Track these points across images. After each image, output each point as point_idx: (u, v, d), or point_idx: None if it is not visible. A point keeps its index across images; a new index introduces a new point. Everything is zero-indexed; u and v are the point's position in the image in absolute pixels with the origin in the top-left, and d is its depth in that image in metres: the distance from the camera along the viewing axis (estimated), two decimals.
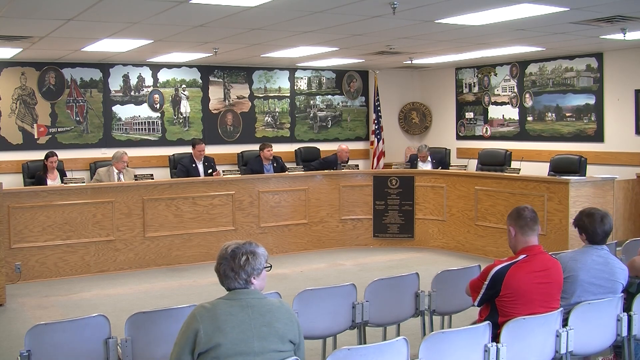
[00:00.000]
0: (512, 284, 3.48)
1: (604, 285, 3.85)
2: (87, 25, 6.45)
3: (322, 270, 7.75)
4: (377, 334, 4.50)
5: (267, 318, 2.87)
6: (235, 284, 2.90)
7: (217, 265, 2.94)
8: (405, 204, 9.00)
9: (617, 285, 3.88)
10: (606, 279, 3.86)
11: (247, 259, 2.91)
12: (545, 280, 3.55)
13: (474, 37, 7.76)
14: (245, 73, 10.87)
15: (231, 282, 2.91)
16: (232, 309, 2.86)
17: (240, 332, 2.81)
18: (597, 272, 3.84)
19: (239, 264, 2.89)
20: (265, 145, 9.41)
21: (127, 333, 3.53)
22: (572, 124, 9.81)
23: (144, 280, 7.23)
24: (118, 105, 9.95)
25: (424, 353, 3.09)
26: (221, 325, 2.81)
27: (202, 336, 2.77)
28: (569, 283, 3.82)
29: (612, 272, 3.87)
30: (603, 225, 3.85)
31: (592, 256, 3.87)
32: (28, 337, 3.31)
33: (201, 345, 2.77)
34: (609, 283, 3.86)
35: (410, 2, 5.55)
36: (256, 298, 2.92)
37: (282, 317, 2.91)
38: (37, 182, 8.29)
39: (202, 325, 2.79)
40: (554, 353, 3.65)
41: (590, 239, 3.91)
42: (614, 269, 3.88)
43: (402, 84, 12.27)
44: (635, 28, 7.00)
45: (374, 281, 4.34)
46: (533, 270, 3.52)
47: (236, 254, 2.91)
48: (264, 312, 2.88)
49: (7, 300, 6.41)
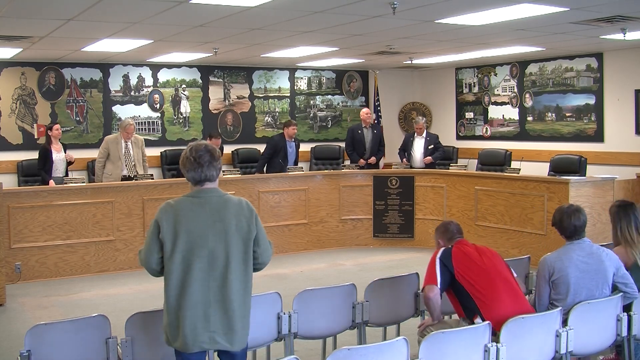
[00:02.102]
0: (460, 256, 3.79)
1: (595, 276, 3.85)
2: (87, 25, 6.45)
3: (322, 270, 7.75)
4: (377, 334, 4.50)
5: (222, 214, 3.19)
6: (201, 179, 3.24)
7: (182, 170, 3.29)
8: (405, 204, 9.00)
9: (608, 273, 3.87)
10: (595, 269, 3.86)
11: (210, 159, 3.25)
12: (488, 254, 3.84)
13: (474, 37, 7.77)
14: (245, 73, 10.88)
15: (197, 177, 3.24)
16: (193, 205, 3.20)
17: (197, 226, 3.15)
18: (585, 265, 3.85)
19: (203, 167, 3.23)
20: (290, 123, 9.36)
21: (127, 333, 3.53)
22: (572, 124, 9.81)
23: (144, 280, 7.21)
24: (118, 105, 9.96)
25: (424, 353, 3.10)
26: (181, 218, 3.15)
27: (163, 226, 3.14)
28: (561, 283, 3.83)
29: (599, 260, 3.88)
30: (576, 219, 3.88)
31: (576, 251, 3.89)
32: (28, 337, 3.31)
33: (163, 234, 3.13)
34: (599, 273, 3.86)
35: (410, 2, 5.55)
36: (216, 196, 3.24)
37: (235, 213, 3.21)
38: (42, 155, 8.22)
39: (164, 217, 3.16)
40: (554, 353, 3.65)
41: (568, 235, 3.94)
42: (600, 257, 3.89)
43: (402, 84, 12.27)
44: (635, 28, 7.00)
45: (374, 281, 4.34)
46: (470, 248, 3.87)
47: (198, 159, 3.24)
48: (220, 208, 3.21)
49: (7, 300, 6.41)
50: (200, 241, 3.14)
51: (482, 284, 3.69)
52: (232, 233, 3.18)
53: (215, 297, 3.14)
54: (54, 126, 8.39)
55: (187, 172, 3.27)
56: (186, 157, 3.28)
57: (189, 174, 3.26)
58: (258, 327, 3.77)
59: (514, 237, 7.88)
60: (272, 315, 3.90)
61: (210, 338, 3.13)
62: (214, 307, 3.13)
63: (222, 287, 3.15)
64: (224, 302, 3.15)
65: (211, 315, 3.13)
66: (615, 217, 4.18)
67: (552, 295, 3.88)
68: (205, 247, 3.14)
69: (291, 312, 3.95)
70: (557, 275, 3.83)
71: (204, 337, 3.13)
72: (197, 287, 3.13)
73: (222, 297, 3.15)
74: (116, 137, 8.41)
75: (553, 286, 3.86)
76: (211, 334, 3.13)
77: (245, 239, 3.21)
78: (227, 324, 3.15)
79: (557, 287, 3.85)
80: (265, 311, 3.88)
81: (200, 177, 3.24)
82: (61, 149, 8.41)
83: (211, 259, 3.15)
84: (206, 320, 3.12)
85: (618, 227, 4.16)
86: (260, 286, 5.52)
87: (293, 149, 9.39)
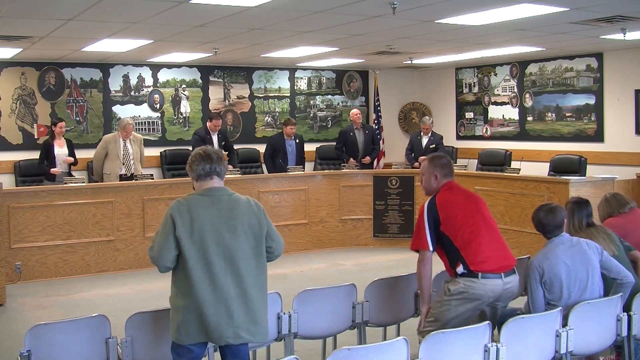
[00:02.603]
0: (444, 203, 3.86)
1: (582, 266, 3.87)
2: (87, 25, 6.45)
3: (322, 270, 7.75)
4: (377, 334, 4.50)
5: (234, 212, 3.28)
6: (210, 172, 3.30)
7: (191, 166, 3.34)
8: (405, 204, 9.00)
9: (593, 261, 3.90)
10: (580, 260, 3.88)
11: (218, 157, 3.34)
12: (471, 199, 3.95)
13: (474, 37, 7.77)
14: (245, 73, 10.88)
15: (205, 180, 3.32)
16: (205, 202, 3.26)
17: (211, 224, 3.21)
18: (570, 258, 3.87)
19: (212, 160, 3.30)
20: (288, 122, 9.38)
21: (127, 333, 3.53)
22: (572, 124, 9.81)
23: (144, 280, 7.23)
24: (118, 105, 9.96)
25: (424, 353, 3.09)
26: (195, 216, 3.21)
27: (179, 225, 3.17)
28: (553, 281, 3.84)
29: (582, 250, 3.90)
30: (554, 217, 3.93)
31: (559, 247, 3.91)
32: (28, 337, 3.31)
33: (179, 232, 3.16)
34: (585, 263, 3.88)
35: (410, 2, 5.55)
36: (226, 194, 3.31)
37: (246, 211, 3.30)
38: (44, 149, 8.25)
39: (178, 214, 3.20)
40: (554, 353, 3.65)
41: (547, 233, 3.98)
42: (582, 248, 3.91)
43: (402, 84, 12.27)
44: (635, 28, 7.00)
45: (374, 281, 4.34)
46: (457, 193, 3.96)
47: (208, 153, 3.32)
48: (232, 206, 3.29)
49: (7, 300, 6.41)
50: (215, 238, 3.20)
51: (466, 230, 3.77)
52: (245, 230, 3.27)
53: (236, 293, 3.21)
54: (58, 123, 8.37)
55: (196, 166, 3.31)
56: (195, 154, 3.37)
57: (198, 166, 3.31)
58: None
59: (514, 237, 7.88)
60: (272, 315, 3.90)
61: (234, 333, 3.20)
62: (235, 303, 3.20)
63: (241, 282, 3.23)
64: (244, 297, 3.23)
65: (234, 311, 3.20)
66: (570, 212, 4.31)
67: (547, 295, 3.88)
68: (221, 244, 3.21)
69: (291, 312, 3.96)
70: (548, 274, 3.84)
71: (229, 332, 3.20)
72: (218, 283, 3.19)
73: (241, 292, 3.22)
74: (114, 137, 8.41)
75: (546, 287, 3.86)
76: (235, 329, 3.20)
77: (257, 235, 3.31)
78: (250, 318, 3.24)
79: (550, 287, 3.85)
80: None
81: (210, 169, 3.31)
82: (64, 144, 8.41)
83: (227, 255, 3.22)
84: (229, 316, 3.19)
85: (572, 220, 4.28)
86: None
87: (293, 147, 9.39)
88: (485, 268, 3.71)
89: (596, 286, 3.91)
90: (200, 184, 3.34)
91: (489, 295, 3.72)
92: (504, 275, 3.75)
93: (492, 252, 3.77)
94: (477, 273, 3.70)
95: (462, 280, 3.74)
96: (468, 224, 3.79)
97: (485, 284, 3.70)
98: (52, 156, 8.22)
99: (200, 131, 9.24)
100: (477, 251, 3.74)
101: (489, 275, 3.71)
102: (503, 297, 3.80)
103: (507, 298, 3.86)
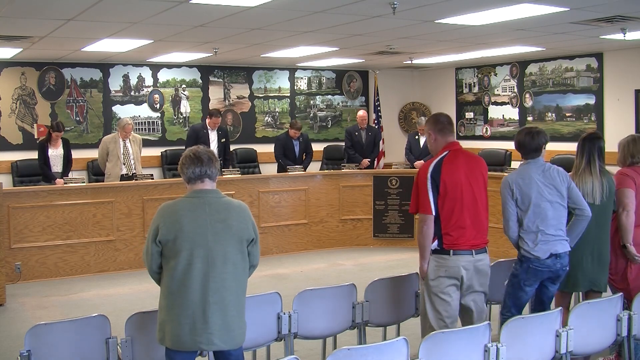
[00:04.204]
0: (446, 178, 3.90)
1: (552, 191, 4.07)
2: (87, 25, 6.45)
3: (322, 270, 7.75)
4: (377, 334, 4.50)
5: (223, 215, 3.24)
6: (200, 174, 3.26)
7: (182, 168, 3.32)
8: (405, 204, 8.99)
9: (561, 188, 4.10)
10: (550, 184, 4.09)
11: (209, 158, 3.29)
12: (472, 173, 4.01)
13: (474, 37, 7.76)
14: (245, 73, 10.88)
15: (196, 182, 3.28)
16: (192, 205, 3.23)
17: (196, 226, 3.18)
18: (542, 179, 4.10)
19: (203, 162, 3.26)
20: (293, 125, 9.45)
21: (127, 333, 3.53)
22: (572, 124, 9.81)
23: (144, 280, 7.20)
24: (118, 105, 9.96)
25: (424, 353, 3.09)
26: (179, 219, 3.18)
27: (162, 228, 3.17)
28: (523, 199, 4.07)
29: (552, 176, 4.11)
30: (532, 140, 4.14)
31: (532, 168, 4.13)
32: (28, 337, 3.32)
33: (162, 236, 3.17)
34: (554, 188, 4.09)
35: (410, 2, 5.55)
36: (215, 197, 3.28)
37: (237, 216, 3.27)
38: (40, 149, 8.16)
39: (162, 219, 3.20)
40: (554, 353, 3.65)
41: (524, 154, 4.20)
42: (552, 174, 4.14)
43: (402, 84, 12.27)
44: (635, 28, 7.00)
45: (374, 281, 4.34)
46: (459, 166, 3.97)
47: (199, 155, 3.27)
48: (221, 209, 3.25)
49: (7, 300, 6.41)
50: (199, 241, 3.16)
51: (454, 210, 3.90)
52: (232, 234, 3.23)
53: (214, 298, 3.16)
54: (57, 132, 8.08)
55: (186, 169, 3.28)
56: (185, 156, 3.32)
57: (188, 169, 3.27)
58: (258, 327, 3.77)
59: None
60: (272, 315, 3.91)
61: (207, 339, 3.16)
62: (212, 308, 3.16)
63: (220, 287, 3.18)
64: (222, 304, 3.18)
65: (209, 317, 3.15)
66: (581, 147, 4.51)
67: (518, 213, 4.11)
68: (204, 247, 3.17)
69: (291, 312, 3.95)
70: (518, 192, 4.07)
71: (202, 337, 3.15)
72: (196, 287, 3.15)
73: (220, 298, 3.17)
74: (114, 137, 8.41)
75: (517, 204, 4.10)
76: (209, 335, 3.15)
77: (243, 241, 3.27)
78: (224, 325, 3.18)
79: (521, 204, 4.09)
80: (265, 311, 3.89)
81: (200, 172, 3.26)
82: (60, 145, 8.27)
83: (210, 259, 3.17)
84: (205, 321, 3.15)
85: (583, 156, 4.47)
86: (260, 286, 5.54)
87: (298, 144, 9.49)
88: (458, 246, 3.89)
89: (563, 211, 4.09)
90: (191, 186, 3.31)
91: (462, 272, 3.89)
92: (475, 253, 3.95)
93: (470, 232, 3.94)
94: (448, 250, 3.87)
95: (434, 258, 3.92)
96: (457, 204, 3.92)
97: (458, 260, 3.89)
98: (45, 157, 8.16)
99: (196, 126, 9.19)
100: (455, 229, 3.90)
101: (460, 251, 3.90)
102: (476, 274, 3.97)
103: (482, 275, 4.01)
